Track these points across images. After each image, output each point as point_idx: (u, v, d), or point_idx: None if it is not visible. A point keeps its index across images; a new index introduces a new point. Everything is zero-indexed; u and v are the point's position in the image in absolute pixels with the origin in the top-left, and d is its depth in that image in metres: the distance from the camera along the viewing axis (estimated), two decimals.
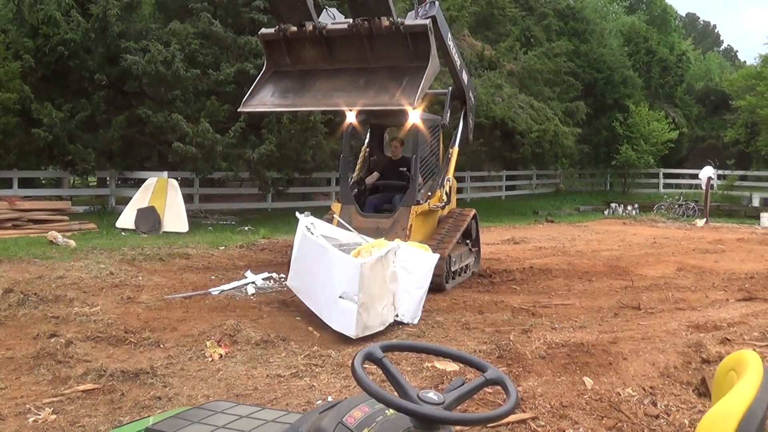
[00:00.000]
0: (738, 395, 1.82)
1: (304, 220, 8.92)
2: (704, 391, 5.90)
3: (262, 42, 11.06)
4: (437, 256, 9.50)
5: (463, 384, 2.13)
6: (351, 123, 11.78)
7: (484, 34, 30.89)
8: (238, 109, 11.18)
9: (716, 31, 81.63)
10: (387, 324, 8.03)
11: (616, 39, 43.89)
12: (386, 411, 2.09)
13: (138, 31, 21.02)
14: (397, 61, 10.60)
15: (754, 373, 1.91)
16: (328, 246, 8.22)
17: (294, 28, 10.59)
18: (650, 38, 42.76)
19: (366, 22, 10.24)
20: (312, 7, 10.51)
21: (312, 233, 8.58)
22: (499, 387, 2.13)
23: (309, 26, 10.52)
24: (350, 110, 11.34)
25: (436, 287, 10.56)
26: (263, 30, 11.15)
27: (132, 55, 19.31)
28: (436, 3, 11.55)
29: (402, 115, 11.17)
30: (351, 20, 10.43)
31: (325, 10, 11.06)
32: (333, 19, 10.92)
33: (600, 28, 41.12)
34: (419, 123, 11.30)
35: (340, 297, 7.69)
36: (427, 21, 10.52)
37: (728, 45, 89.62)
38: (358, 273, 7.53)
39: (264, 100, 10.88)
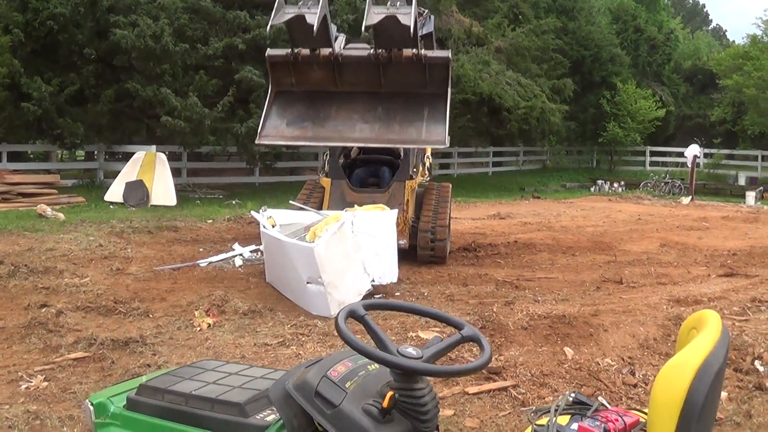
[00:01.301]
0: (696, 348, 1.95)
1: (261, 215, 9.01)
2: None
3: (268, 63, 10.99)
4: (395, 211, 9.47)
5: (441, 341, 2.26)
6: None
7: (472, 11, 30.84)
8: (256, 141, 11.25)
9: (705, 10, 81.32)
10: (363, 293, 8.09)
11: (605, 17, 43.81)
12: (368, 366, 2.21)
13: (127, 6, 20.86)
14: (410, 87, 10.73)
15: (712, 330, 2.03)
16: (282, 237, 8.28)
17: (307, 52, 10.62)
18: (638, 16, 42.64)
19: (386, 51, 10.38)
20: (332, 36, 10.62)
21: (266, 227, 8.66)
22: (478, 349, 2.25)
23: (325, 51, 10.58)
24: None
25: (440, 253, 10.69)
26: (270, 51, 11.11)
27: (121, 30, 19.23)
28: (432, 17, 11.77)
29: None
30: (371, 48, 10.62)
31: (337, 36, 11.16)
32: (340, 42, 11.09)
33: (588, 5, 40.99)
34: None
35: (307, 283, 7.77)
36: (448, 53, 10.79)
37: (717, 24, 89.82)
38: (314, 256, 7.56)
39: (281, 131, 10.85)
